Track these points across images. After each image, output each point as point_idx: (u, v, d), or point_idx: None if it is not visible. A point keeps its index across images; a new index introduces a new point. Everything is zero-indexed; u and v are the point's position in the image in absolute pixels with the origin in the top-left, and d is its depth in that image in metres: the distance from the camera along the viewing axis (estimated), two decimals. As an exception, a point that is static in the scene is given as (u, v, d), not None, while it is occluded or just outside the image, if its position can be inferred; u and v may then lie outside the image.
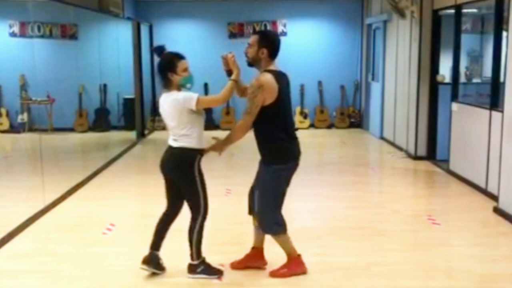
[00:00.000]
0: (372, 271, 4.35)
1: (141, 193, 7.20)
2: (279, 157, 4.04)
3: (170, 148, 4.12)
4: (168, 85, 4.05)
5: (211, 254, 4.44)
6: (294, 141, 4.15)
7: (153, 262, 4.25)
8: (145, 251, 4.30)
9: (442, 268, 4.48)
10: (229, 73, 4.13)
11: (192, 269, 4.22)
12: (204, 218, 4.16)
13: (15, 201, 6.41)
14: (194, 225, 4.14)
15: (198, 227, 4.14)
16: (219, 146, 4.11)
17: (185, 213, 4.22)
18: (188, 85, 4.09)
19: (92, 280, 4.23)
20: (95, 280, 4.23)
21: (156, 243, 4.28)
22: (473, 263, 4.54)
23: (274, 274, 4.24)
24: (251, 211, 4.29)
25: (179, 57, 4.09)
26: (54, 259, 4.65)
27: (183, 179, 4.09)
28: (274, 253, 4.36)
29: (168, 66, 4.03)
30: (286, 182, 4.14)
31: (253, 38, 4.05)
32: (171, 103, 4.00)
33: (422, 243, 5.03)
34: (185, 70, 4.06)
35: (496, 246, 5.00)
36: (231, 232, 5.29)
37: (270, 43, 4.01)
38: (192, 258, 4.21)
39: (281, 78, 4.00)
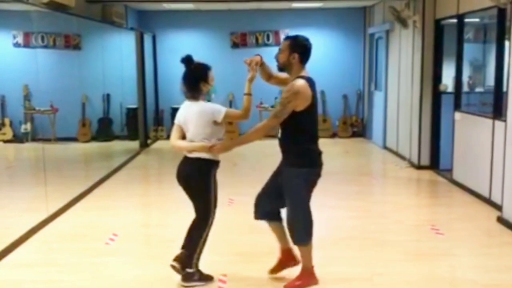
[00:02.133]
0: (375, 282, 4.34)
1: (144, 203, 7.20)
2: (307, 161, 4.03)
3: (187, 159, 4.14)
4: (197, 95, 4.11)
5: (214, 264, 4.44)
6: (318, 148, 4.14)
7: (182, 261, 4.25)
8: (149, 260, 4.30)
9: (446, 278, 4.47)
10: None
11: (188, 277, 4.19)
12: (209, 228, 4.18)
13: (18, 211, 6.42)
14: (200, 235, 4.15)
15: (204, 236, 4.16)
16: (227, 144, 4.09)
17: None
18: (213, 95, 4.15)
19: (95, 291, 4.22)
20: (98, 291, 4.23)
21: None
22: (477, 273, 4.52)
23: (290, 287, 4.20)
24: (257, 215, 4.28)
25: (209, 67, 4.17)
26: (57, 269, 4.64)
27: (199, 188, 4.13)
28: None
29: (202, 75, 4.11)
30: (312, 187, 4.11)
31: (284, 43, 4.06)
32: (199, 114, 4.05)
33: (426, 253, 5.01)
34: (213, 79, 4.16)
35: (500, 256, 4.98)
36: (233, 242, 5.28)
37: (301, 48, 4.01)
38: (190, 266, 4.19)
39: (313, 85, 4.00)
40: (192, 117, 4.07)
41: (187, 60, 4.15)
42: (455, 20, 7.63)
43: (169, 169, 9.28)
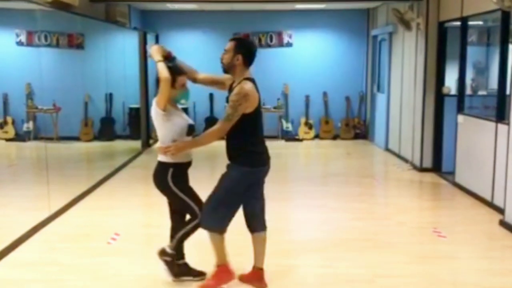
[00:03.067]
0: (377, 284, 4.33)
1: (146, 203, 7.19)
2: (249, 161, 4.01)
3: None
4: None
5: (211, 265, 4.41)
6: (263, 147, 4.13)
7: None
8: (150, 260, 4.29)
9: (448, 281, 4.46)
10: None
11: (163, 253, 4.22)
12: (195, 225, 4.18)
13: (20, 210, 6.42)
14: (187, 224, 4.19)
15: (189, 228, 4.16)
16: (180, 146, 4.01)
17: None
18: (183, 101, 4.12)
19: (97, 290, 4.22)
20: (100, 290, 4.22)
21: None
22: (479, 276, 4.52)
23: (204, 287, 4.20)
24: (250, 228, 4.28)
25: (180, 72, 4.13)
26: (59, 268, 4.64)
27: (162, 190, 4.19)
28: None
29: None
30: (249, 186, 4.08)
31: (229, 44, 4.07)
32: (154, 115, 4.07)
33: (428, 255, 5.00)
34: (183, 85, 4.12)
35: (502, 260, 4.97)
36: (231, 242, 5.24)
37: (245, 50, 4.04)
38: (170, 247, 4.22)
39: (257, 86, 4.05)
40: (154, 120, 4.10)
41: (170, 60, 4.17)
42: (458, 23, 7.62)
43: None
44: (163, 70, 3.96)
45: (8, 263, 4.77)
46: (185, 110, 11.81)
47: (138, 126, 11.07)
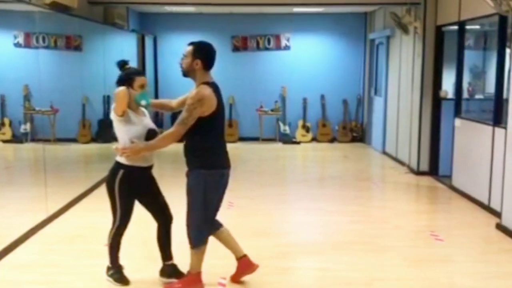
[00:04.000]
0: (375, 287, 4.34)
1: (143, 205, 7.18)
2: (205, 163, 4.00)
3: None
4: None
5: (213, 268, 4.44)
6: (222, 150, 4.14)
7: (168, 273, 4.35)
8: (148, 263, 4.29)
9: (445, 284, 4.48)
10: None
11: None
12: (117, 228, 4.32)
13: (17, 212, 6.41)
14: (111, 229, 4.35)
15: (112, 232, 4.35)
16: (136, 148, 4.02)
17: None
18: (143, 102, 4.13)
19: (94, 292, 4.22)
20: (97, 292, 4.22)
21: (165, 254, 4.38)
22: (476, 279, 4.53)
23: None
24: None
25: (138, 73, 4.18)
26: (56, 270, 4.64)
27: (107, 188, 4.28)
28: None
29: (125, 79, 4.10)
30: (215, 190, 4.08)
31: (187, 49, 4.06)
32: (111, 116, 4.15)
33: (425, 259, 5.01)
34: (142, 86, 4.12)
35: (499, 263, 4.99)
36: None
37: (204, 55, 4.03)
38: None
39: (218, 90, 4.03)
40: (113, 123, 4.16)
41: (120, 64, 4.21)
42: (456, 27, 7.64)
43: (168, 171, 9.31)
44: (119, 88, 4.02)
45: (6, 264, 4.77)
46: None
47: (136, 128, 11.05)
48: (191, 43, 4.11)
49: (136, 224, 4.44)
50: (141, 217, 4.48)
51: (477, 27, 8.25)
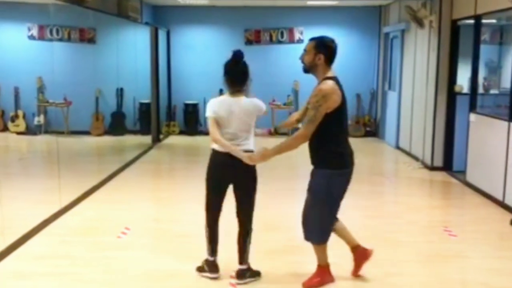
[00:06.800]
0: (388, 282, 4.32)
1: (155, 198, 7.21)
2: (335, 163, 3.95)
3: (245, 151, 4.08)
4: (242, 91, 4.14)
5: (228, 261, 4.42)
6: (348, 147, 4.07)
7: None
8: (160, 255, 4.30)
9: (458, 280, 4.44)
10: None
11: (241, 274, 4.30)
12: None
13: (31, 203, 6.44)
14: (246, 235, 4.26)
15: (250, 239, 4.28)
16: (266, 154, 3.98)
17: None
18: None
19: (107, 285, 4.23)
20: (110, 285, 4.23)
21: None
22: (489, 276, 4.49)
23: (308, 284, 4.19)
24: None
25: None
26: (70, 262, 4.66)
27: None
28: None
29: (249, 73, 4.19)
30: (342, 189, 4.04)
31: (309, 44, 4.03)
32: (253, 107, 4.11)
33: (438, 254, 4.98)
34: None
35: (513, 260, 4.94)
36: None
37: (326, 49, 4.00)
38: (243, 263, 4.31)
39: (340, 85, 3.99)
40: (245, 110, 4.08)
41: (239, 55, 4.19)
42: (472, 21, 7.56)
43: (181, 164, 9.34)
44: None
45: (19, 256, 4.80)
46: (195, 106, 11.86)
47: (148, 121, 11.09)
48: (313, 38, 4.08)
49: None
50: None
51: (493, 21, 8.15)
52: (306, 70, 4.05)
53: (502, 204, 6.45)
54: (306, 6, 11.82)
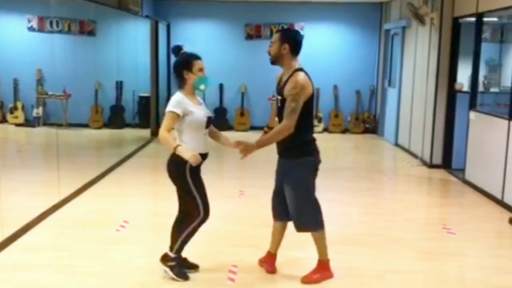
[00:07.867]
0: (387, 279, 4.33)
1: (154, 191, 7.21)
2: (308, 151, 4.06)
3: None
4: (182, 85, 4.08)
5: (224, 255, 4.43)
6: (313, 136, 4.16)
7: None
8: (159, 249, 4.30)
9: (457, 278, 4.45)
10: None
11: (165, 258, 4.20)
12: (202, 221, 4.12)
13: (30, 195, 6.43)
14: (188, 223, 4.10)
15: (191, 227, 4.10)
16: (251, 147, 4.00)
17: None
18: (202, 86, 4.09)
19: (107, 277, 4.23)
20: (110, 277, 4.23)
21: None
22: (488, 274, 4.50)
23: (308, 280, 4.20)
24: (276, 216, 4.29)
25: (196, 56, 4.10)
26: (68, 254, 4.66)
27: (176, 182, 4.12)
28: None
29: (184, 64, 4.04)
30: (315, 173, 4.13)
31: (275, 36, 4.11)
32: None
33: (437, 252, 4.99)
34: (201, 70, 4.07)
35: (511, 258, 4.94)
36: (243, 233, 5.27)
37: (291, 39, 4.06)
38: (171, 250, 4.19)
39: (308, 74, 4.06)
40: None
41: (176, 49, 4.13)
42: (473, 19, 7.55)
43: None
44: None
45: (18, 247, 4.80)
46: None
47: (148, 115, 11.08)
48: (278, 30, 4.16)
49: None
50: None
51: (495, 19, 8.15)
52: (273, 61, 4.11)
53: (501, 203, 6.46)
54: (308, 1, 11.81)
